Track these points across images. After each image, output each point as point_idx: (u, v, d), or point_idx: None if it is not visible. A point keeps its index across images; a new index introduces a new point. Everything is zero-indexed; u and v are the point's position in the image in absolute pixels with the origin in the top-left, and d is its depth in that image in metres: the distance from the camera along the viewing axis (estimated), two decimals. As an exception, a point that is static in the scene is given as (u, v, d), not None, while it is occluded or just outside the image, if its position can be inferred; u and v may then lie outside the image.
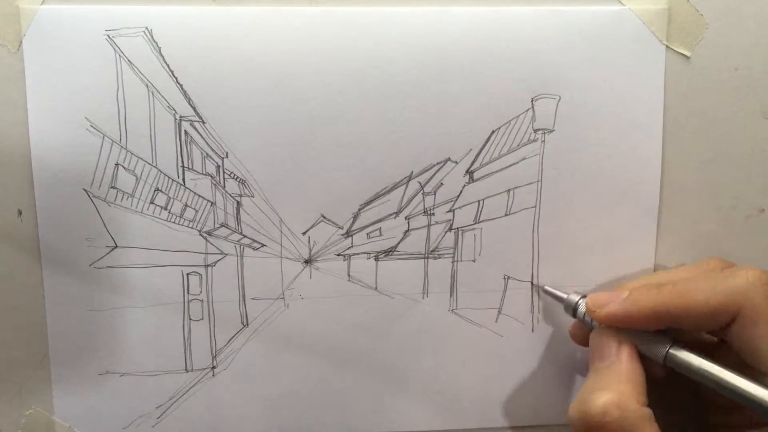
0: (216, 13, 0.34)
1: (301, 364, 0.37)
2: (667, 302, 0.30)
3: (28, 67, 0.33)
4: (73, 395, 0.36)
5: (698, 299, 0.30)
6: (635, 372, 0.31)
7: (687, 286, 0.30)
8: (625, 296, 0.31)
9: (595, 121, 0.36)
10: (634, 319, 0.31)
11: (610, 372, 0.31)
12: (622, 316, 0.31)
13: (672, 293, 0.30)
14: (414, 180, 0.36)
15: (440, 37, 0.35)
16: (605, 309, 0.32)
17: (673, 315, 0.30)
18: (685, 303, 0.30)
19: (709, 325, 0.30)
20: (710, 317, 0.30)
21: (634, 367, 0.31)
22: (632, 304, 0.31)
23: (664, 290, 0.31)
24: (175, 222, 0.35)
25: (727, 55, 0.36)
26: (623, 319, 0.31)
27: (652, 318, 0.31)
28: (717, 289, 0.30)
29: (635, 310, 0.31)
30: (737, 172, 0.37)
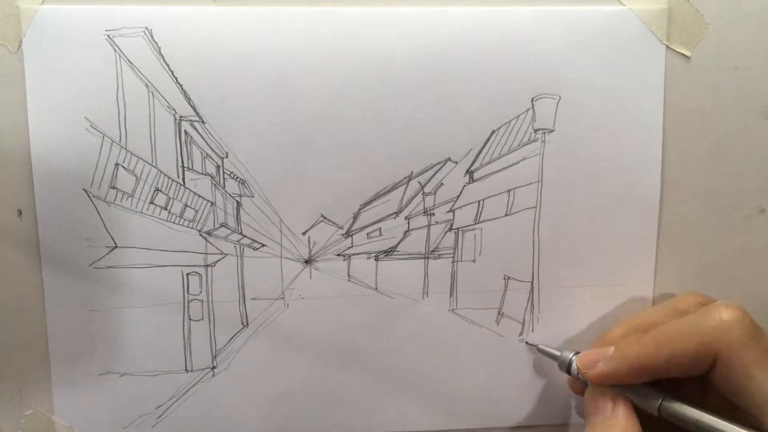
0: (216, 13, 0.34)
1: (301, 364, 0.37)
2: (649, 354, 0.30)
3: (28, 67, 0.33)
4: (73, 395, 0.36)
5: (677, 347, 0.30)
6: (631, 427, 0.31)
7: (666, 334, 0.31)
8: (611, 353, 0.32)
9: (595, 121, 0.36)
10: (623, 376, 0.31)
11: (607, 427, 0.31)
12: (612, 375, 0.32)
13: (652, 344, 0.31)
14: (414, 180, 0.36)
15: (440, 37, 0.35)
16: (595, 370, 0.32)
17: (657, 367, 0.30)
18: (666, 352, 0.30)
19: (693, 371, 0.30)
20: (691, 363, 0.30)
21: (629, 423, 0.31)
22: (619, 361, 0.31)
23: (646, 341, 0.31)
24: (175, 222, 0.35)
25: (727, 55, 0.36)
26: (613, 378, 0.32)
27: (640, 372, 0.31)
28: (694, 334, 0.30)
29: (623, 366, 0.31)
30: (737, 172, 0.37)
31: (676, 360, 0.30)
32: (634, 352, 0.31)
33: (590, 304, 0.37)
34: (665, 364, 0.30)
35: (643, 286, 0.37)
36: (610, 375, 0.32)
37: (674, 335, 0.30)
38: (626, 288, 0.37)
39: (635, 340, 0.31)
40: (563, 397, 0.38)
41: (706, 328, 0.29)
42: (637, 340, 0.31)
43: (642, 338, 0.31)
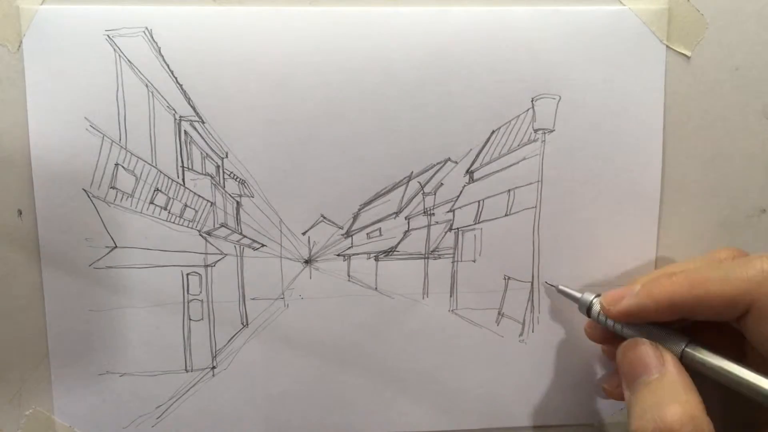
0: (216, 13, 0.34)
1: (301, 364, 0.37)
2: (680, 292, 0.30)
3: (28, 67, 0.33)
4: (73, 395, 0.36)
5: (711, 290, 0.29)
6: (689, 381, 0.29)
7: (700, 276, 0.30)
8: (637, 290, 0.31)
9: (595, 121, 0.36)
10: (649, 311, 0.31)
11: (666, 384, 0.30)
12: (638, 310, 0.31)
13: (684, 283, 0.30)
14: (414, 180, 0.36)
15: (440, 37, 0.35)
16: (620, 305, 0.31)
17: (687, 305, 0.30)
18: (698, 293, 0.29)
19: (722, 316, 0.30)
20: (724, 308, 0.29)
21: (685, 376, 0.30)
22: (646, 297, 0.31)
23: (677, 280, 0.30)
24: (174, 222, 0.35)
25: (728, 55, 0.36)
26: (639, 313, 0.31)
27: (667, 309, 0.30)
28: (730, 280, 0.29)
29: (650, 302, 0.30)
30: (738, 172, 0.37)
31: (709, 302, 0.29)
32: (665, 290, 0.30)
33: (590, 304, 0.37)
34: (696, 304, 0.29)
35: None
36: (635, 311, 0.31)
37: (711, 277, 0.29)
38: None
39: (665, 278, 0.31)
40: (563, 398, 0.38)
41: (746, 275, 0.29)
42: (668, 278, 0.31)
43: (674, 277, 0.30)
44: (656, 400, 0.29)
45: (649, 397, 0.29)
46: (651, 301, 0.30)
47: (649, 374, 0.30)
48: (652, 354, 0.31)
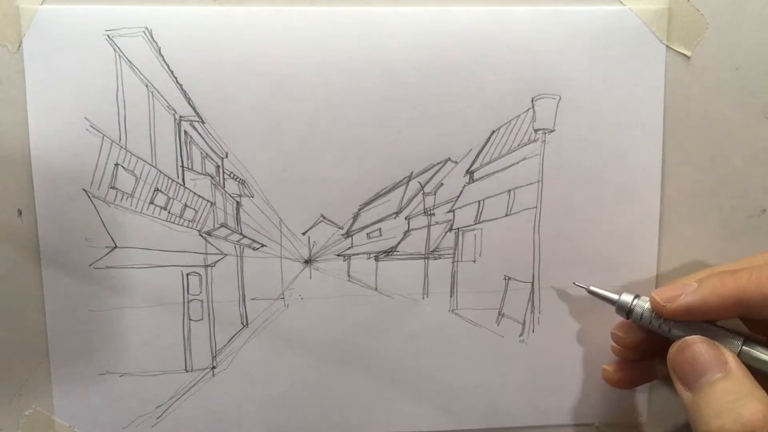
0: (216, 13, 0.34)
1: (301, 364, 0.37)
2: (748, 289, 0.29)
3: (28, 67, 0.33)
4: (73, 395, 0.36)
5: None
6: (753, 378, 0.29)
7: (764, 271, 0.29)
8: (695, 287, 0.30)
9: (595, 121, 0.36)
10: (711, 308, 0.29)
11: (736, 382, 0.29)
12: (699, 307, 0.30)
13: (752, 281, 0.29)
14: (414, 180, 0.36)
15: (440, 37, 0.35)
16: (678, 302, 0.30)
17: (755, 303, 0.29)
18: (762, 290, 0.29)
19: None
20: None
21: (749, 374, 0.29)
22: (711, 293, 0.29)
23: (743, 277, 0.29)
24: (174, 222, 0.35)
25: (728, 55, 0.36)
26: (700, 310, 0.30)
27: (732, 307, 0.29)
28: None
29: (715, 299, 0.29)
30: (738, 173, 0.37)
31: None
32: (732, 286, 0.29)
33: (591, 304, 0.37)
34: (763, 301, 0.28)
35: (644, 286, 0.37)
36: (697, 307, 0.30)
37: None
38: (627, 288, 0.37)
39: (728, 276, 0.30)
40: (564, 398, 0.38)
41: None
42: (731, 275, 0.30)
43: (738, 274, 0.29)
44: (731, 398, 0.28)
45: (723, 396, 0.28)
46: (716, 297, 0.29)
47: (713, 373, 0.29)
48: (714, 353, 0.30)
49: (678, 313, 0.30)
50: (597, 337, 0.37)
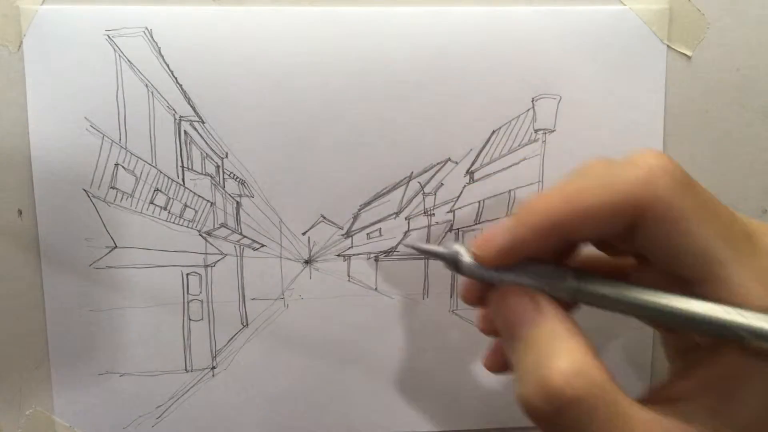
0: (216, 13, 0.34)
1: (301, 364, 0.37)
2: (556, 209, 0.24)
3: (28, 67, 0.33)
4: (73, 395, 0.36)
5: (589, 202, 0.23)
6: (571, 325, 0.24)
7: (575, 187, 0.24)
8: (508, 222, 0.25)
9: (596, 121, 0.36)
10: (527, 243, 0.24)
11: (543, 335, 0.24)
12: (513, 245, 0.24)
13: (559, 199, 0.24)
14: (414, 180, 0.36)
15: (440, 37, 0.34)
16: (491, 246, 0.25)
17: (567, 224, 0.24)
18: (577, 207, 0.24)
19: (609, 230, 0.24)
20: (606, 223, 0.24)
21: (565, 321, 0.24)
22: (521, 226, 0.24)
23: (549, 198, 0.24)
24: (174, 222, 0.35)
25: (729, 55, 0.36)
26: (515, 249, 0.24)
27: (546, 234, 0.24)
28: (612, 186, 0.23)
29: (525, 231, 0.24)
30: (739, 173, 0.37)
31: (591, 217, 0.23)
32: (539, 211, 0.24)
33: (591, 304, 0.37)
34: (578, 220, 0.24)
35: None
36: (511, 246, 0.24)
37: (588, 186, 0.24)
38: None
39: (536, 200, 0.25)
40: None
41: (629, 180, 0.23)
42: (539, 198, 0.25)
43: (544, 195, 0.24)
44: (536, 357, 0.23)
45: (529, 355, 0.24)
46: (526, 229, 0.24)
47: (524, 327, 0.25)
48: (525, 302, 0.25)
49: (494, 260, 0.25)
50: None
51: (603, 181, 0.24)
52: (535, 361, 0.23)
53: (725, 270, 0.22)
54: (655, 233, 0.23)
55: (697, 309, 0.23)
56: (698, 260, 0.23)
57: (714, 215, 0.23)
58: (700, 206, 0.23)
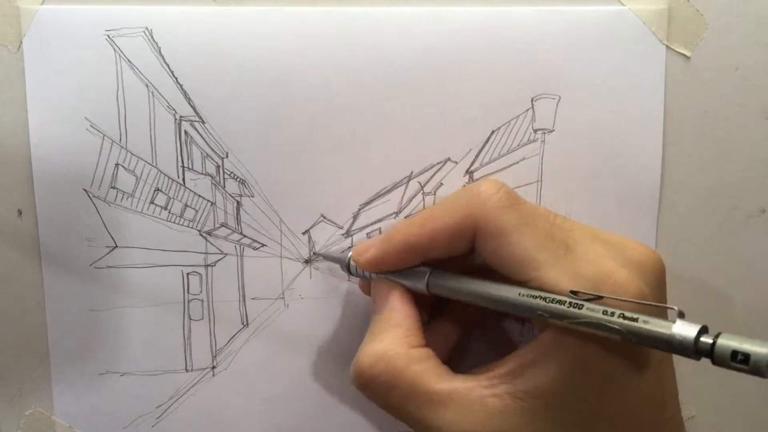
0: (216, 13, 0.34)
1: (301, 364, 0.37)
2: (413, 232, 0.30)
3: (28, 67, 0.33)
4: (73, 395, 0.36)
5: (435, 227, 0.29)
6: (404, 314, 0.30)
7: (429, 213, 0.30)
8: (381, 238, 0.31)
9: (595, 121, 0.36)
10: (391, 257, 0.31)
11: (380, 321, 0.30)
12: (381, 257, 0.31)
13: (416, 223, 0.30)
14: (414, 180, 0.36)
15: (440, 37, 0.35)
16: (366, 255, 0.31)
17: (422, 245, 0.30)
18: (429, 229, 0.30)
19: (457, 247, 0.30)
20: (454, 237, 0.29)
21: (403, 310, 0.30)
22: (387, 242, 0.31)
23: (411, 221, 0.30)
24: (175, 222, 0.35)
25: (728, 56, 0.36)
26: (380, 260, 0.31)
27: (405, 252, 0.30)
28: (451, 212, 0.29)
29: (390, 247, 0.31)
30: (738, 173, 0.37)
31: (439, 235, 0.29)
32: (401, 233, 0.30)
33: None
34: (429, 241, 0.30)
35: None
36: (378, 258, 0.31)
37: (437, 212, 0.30)
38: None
39: (401, 224, 0.31)
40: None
41: (466, 201, 0.29)
42: (403, 223, 0.31)
43: (409, 219, 0.31)
44: (367, 339, 0.30)
45: (367, 336, 0.30)
46: (390, 245, 0.31)
47: (378, 312, 0.31)
48: (383, 292, 0.31)
49: (367, 266, 0.32)
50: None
51: (444, 208, 0.30)
52: (365, 342, 0.30)
53: (540, 271, 0.27)
54: (486, 245, 0.28)
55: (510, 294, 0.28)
56: (520, 264, 0.27)
57: (533, 228, 0.28)
58: (521, 221, 0.28)
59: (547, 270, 0.27)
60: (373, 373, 0.29)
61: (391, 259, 0.31)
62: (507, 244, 0.28)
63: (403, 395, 0.28)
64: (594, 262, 0.27)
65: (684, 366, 0.38)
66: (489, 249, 0.29)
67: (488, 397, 0.27)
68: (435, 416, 0.27)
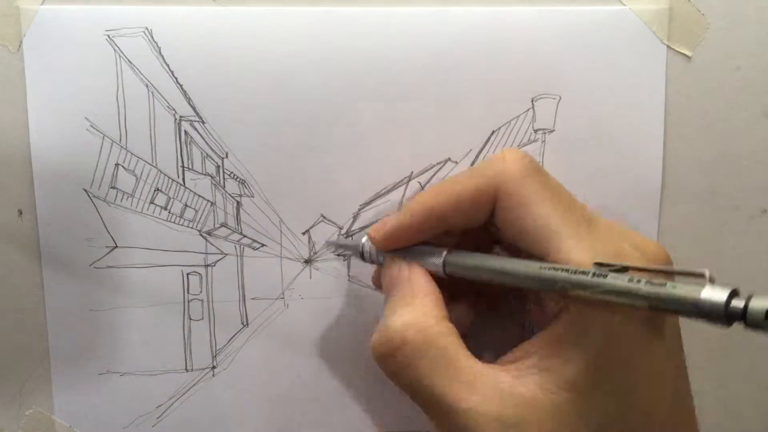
0: (216, 13, 0.34)
1: (301, 364, 0.37)
2: (433, 200, 0.29)
3: (28, 67, 0.33)
4: (73, 395, 0.36)
5: (457, 190, 0.29)
6: (427, 287, 0.29)
7: (449, 181, 0.30)
8: (398, 212, 0.31)
9: (595, 121, 0.36)
10: (411, 229, 0.30)
11: (405, 295, 0.29)
12: (399, 230, 0.30)
13: (436, 191, 0.29)
14: (414, 180, 0.36)
15: (440, 37, 0.35)
16: (383, 230, 0.30)
17: (442, 212, 0.29)
18: (449, 197, 0.29)
19: (474, 217, 0.29)
20: (471, 207, 0.28)
21: (424, 283, 0.29)
22: (406, 213, 0.30)
23: (430, 190, 0.30)
24: (175, 222, 0.35)
25: (729, 55, 0.36)
26: (401, 233, 0.30)
27: (426, 221, 0.29)
28: (474, 177, 0.29)
29: (409, 218, 0.30)
30: (739, 173, 0.37)
31: (457, 205, 0.29)
32: (419, 203, 0.29)
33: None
34: (448, 209, 0.29)
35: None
36: (398, 231, 0.30)
37: (458, 180, 0.29)
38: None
39: (419, 194, 0.30)
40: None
41: (488, 170, 0.28)
42: (422, 192, 0.30)
43: (426, 190, 0.30)
44: (390, 311, 0.28)
45: (387, 309, 0.29)
46: (410, 216, 0.30)
47: (395, 290, 0.30)
48: (400, 270, 0.30)
49: (385, 242, 0.30)
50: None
51: (467, 174, 0.29)
52: (388, 314, 0.28)
53: (562, 243, 0.26)
54: (507, 214, 0.28)
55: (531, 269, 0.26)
56: (540, 235, 0.27)
57: (556, 199, 0.27)
58: (544, 191, 0.27)
59: (570, 243, 0.26)
60: (405, 337, 0.27)
61: (410, 230, 0.30)
62: (529, 215, 0.27)
63: (434, 366, 0.27)
64: (613, 241, 0.26)
65: (684, 366, 0.38)
66: (509, 218, 0.28)
67: (518, 386, 0.26)
68: (463, 395, 0.26)
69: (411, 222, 0.30)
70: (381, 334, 0.28)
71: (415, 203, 0.30)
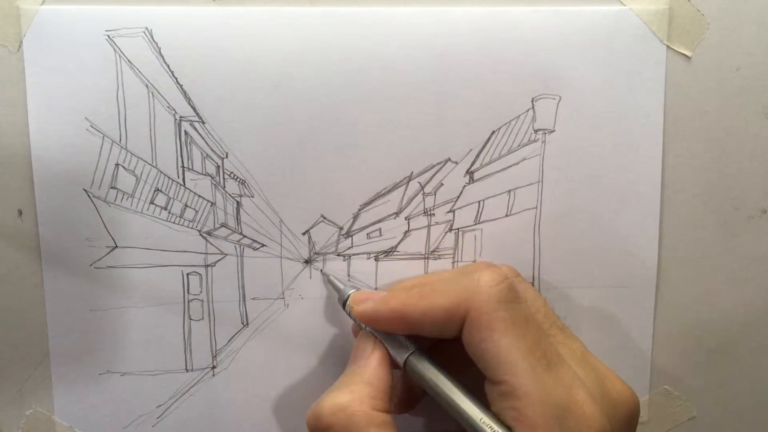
0: (216, 13, 0.34)
1: (301, 364, 0.37)
2: (410, 303, 0.30)
3: (28, 67, 0.33)
4: (73, 395, 0.36)
5: (432, 302, 0.29)
6: (378, 376, 0.30)
7: (430, 287, 0.30)
8: (381, 296, 0.31)
9: (595, 121, 0.36)
10: (383, 319, 0.30)
11: (354, 374, 0.30)
12: (371, 315, 0.31)
13: (415, 295, 0.30)
14: (414, 180, 0.36)
15: (440, 37, 0.35)
16: (361, 306, 0.31)
17: (415, 318, 0.29)
18: (422, 307, 0.29)
19: (446, 330, 0.29)
20: (443, 320, 0.29)
21: (378, 371, 0.30)
22: (383, 304, 0.31)
23: (411, 292, 0.30)
24: (175, 222, 0.35)
25: (729, 55, 0.36)
26: (374, 319, 0.31)
27: (398, 320, 0.30)
28: (450, 291, 0.29)
29: (385, 310, 0.30)
30: (739, 173, 0.37)
31: (430, 314, 0.29)
32: (398, 299, 0.30)
33: (591, 305, 0.37)
34: (420, 316, 0.29)
35: (644, 288, 0.37)
36: (370, 315, 0.31)
37: (436, 289, 0.30)
38: (628, 290, 0.37)
39: (405, 289, 0.31)
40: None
41: (463, 286, 0.29)
42: (405, 290, 0.31)
43: (411, 289, 0.31)
44: (335, 386, 0.30)
45: (336, 382, 0.30)
46: (386, 309, 0.30)
47: (355, 363, 0.31)
48: (367, 346, 0.31)
49: (359, 317, 0.32)
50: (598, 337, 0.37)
51: (446, 287, 0.29)
52: (331, 389, 0.30)
53: (515, 378, 0.27)
54: (472, 336, 0.28)
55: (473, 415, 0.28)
56: (497, 364, 0.27)
57: (522, 334, 0.28)
58: (512, 322, 0.28)
59: (522, 380, 0.27)
60: (331, 421, 0.28)
61: (382, 321, 0.31)
62: (491, 341, 0.28)
63: None
64: (568, 387, 0.27)
65: (684, 366, 0.38)
66: (474, 341, 0.28)
67: None
68: None
69: (384, 315, 0.30)
70: (314, 409, 0.29)
71: (392, 299, 0.30)
